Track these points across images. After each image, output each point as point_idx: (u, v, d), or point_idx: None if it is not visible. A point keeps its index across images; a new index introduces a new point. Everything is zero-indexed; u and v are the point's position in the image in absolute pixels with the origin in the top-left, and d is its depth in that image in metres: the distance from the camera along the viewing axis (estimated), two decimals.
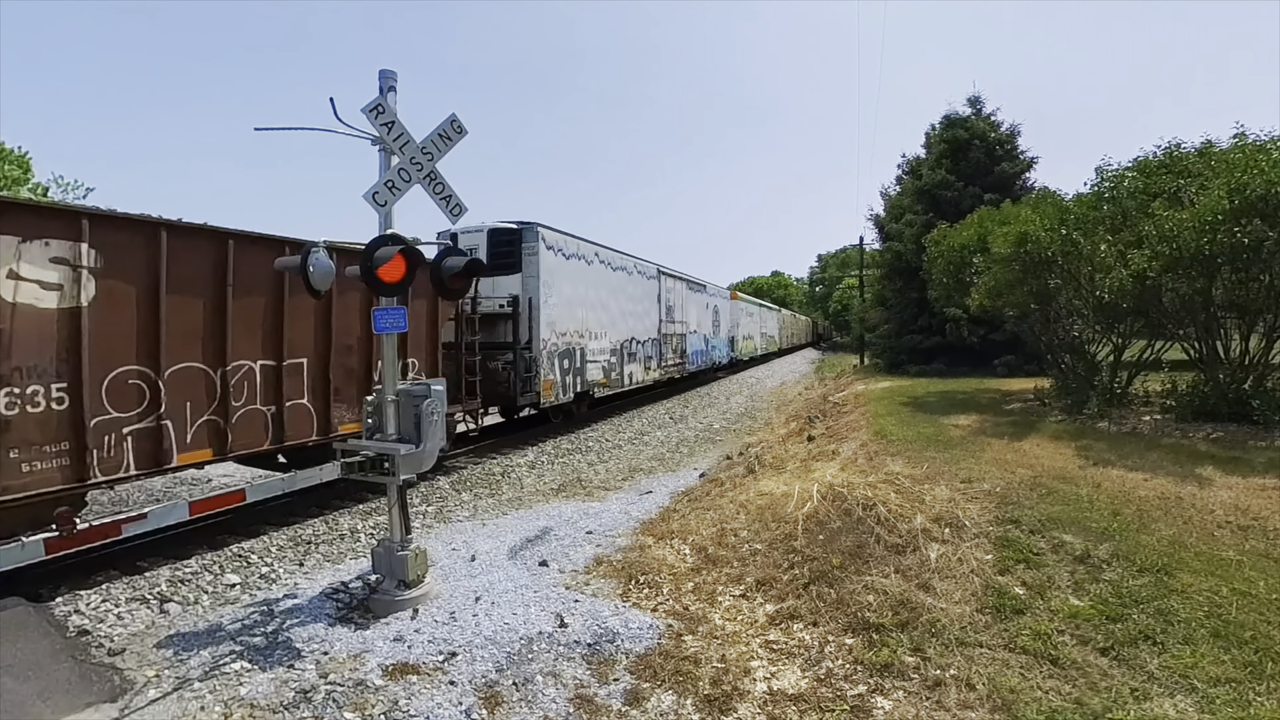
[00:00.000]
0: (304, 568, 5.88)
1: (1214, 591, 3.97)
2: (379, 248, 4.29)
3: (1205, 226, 7.47)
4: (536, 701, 3.56)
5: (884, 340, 22.74)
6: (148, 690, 3.79)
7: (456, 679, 3.73)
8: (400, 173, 4.61)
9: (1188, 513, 5.09)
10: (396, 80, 4.70)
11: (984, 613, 4.13)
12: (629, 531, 6.56)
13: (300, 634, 4.34)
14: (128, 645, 4.39)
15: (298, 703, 3.54)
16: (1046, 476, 6.18)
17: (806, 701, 3.55)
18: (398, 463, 4.45)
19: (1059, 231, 9.56)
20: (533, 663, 3.93)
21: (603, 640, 4.17)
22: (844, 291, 68.40)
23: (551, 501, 8.09)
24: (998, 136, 20.17)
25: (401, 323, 4.55)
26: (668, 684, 3.72)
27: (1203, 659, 3.43)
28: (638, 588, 5.09)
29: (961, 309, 14.05)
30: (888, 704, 3.46)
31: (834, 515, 5.40)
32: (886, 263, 22.17)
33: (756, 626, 4.41)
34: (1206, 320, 8.73)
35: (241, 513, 7.02)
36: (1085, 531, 4.87)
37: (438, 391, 4.66)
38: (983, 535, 5.01)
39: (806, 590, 4.67)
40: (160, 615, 4.89)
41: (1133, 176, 9.53)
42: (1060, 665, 3.56)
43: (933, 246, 14.08)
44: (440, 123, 4.77)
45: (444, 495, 8.51)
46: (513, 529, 6.74)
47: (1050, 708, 3.25)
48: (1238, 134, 8.76)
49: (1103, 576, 4.31)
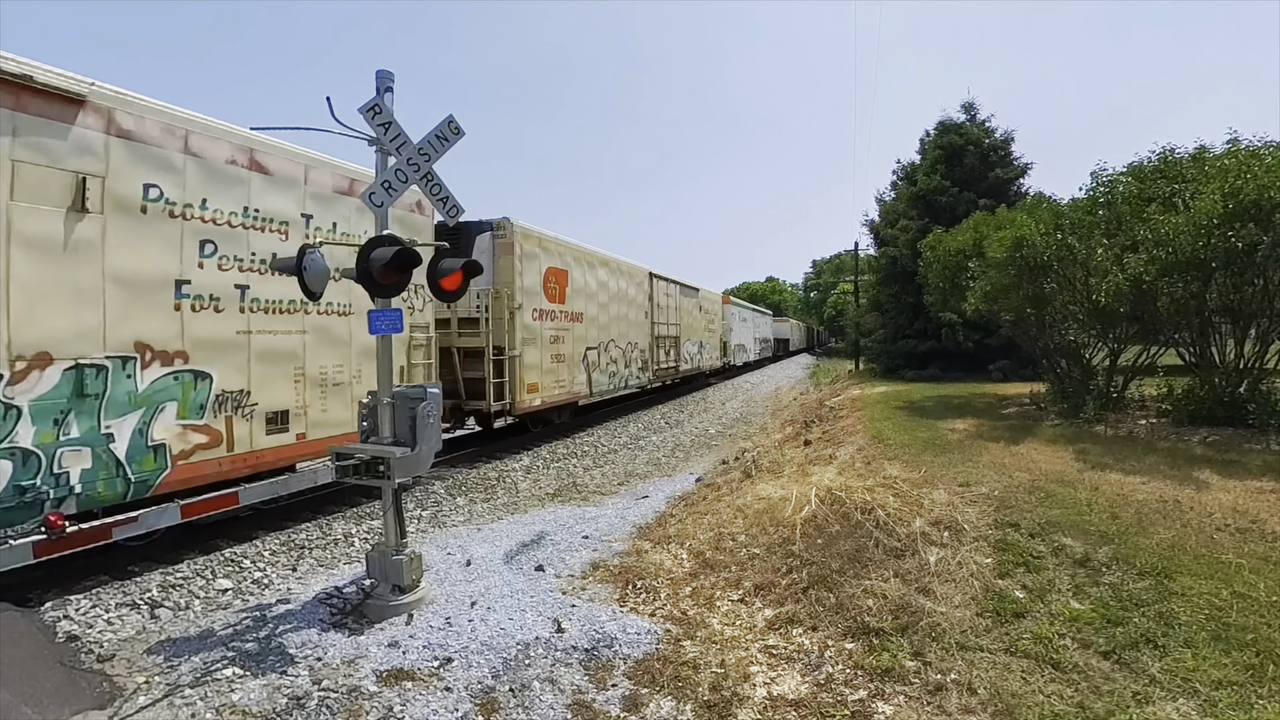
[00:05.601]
0: (297, 572, 5.81)
1: (1214, 594, 3.95)
2: (376, 248, 4.25)
3: (1200, 231, 7.50)
4: (534, 708, 3.51)
5: (879, 345, 22.75)
6: (137, 697, 3.72)
7: (452, 685, 3.68)
8: (397, 174, 4.57)
9: (1186, 516, 5.08)
10: (393, 81, 4.67)
11: (984, 616, 4.10)
12: (625, 536, 6.52)
13: (293, 639, 4.28)
14: (118, 651, 4.31)
15: (291, 709, 3.48)
16: (1044, 480, 6.17)
17: (807, 707, 3.51)
18: (393, 466, 4.40)
19: (1054, 236, 9.59)
20: (529, 668, 3.88)
21: (600, 645, 4.13)
22: (839, 297, 68.68)
23: (547, 506, 8.03)
24: (992, 142, 20.26)
25: (398, 325, 4.51)
26: (666, 690, 3.68)
27: (1204, 662, 3.41)
28: (635, 593, 5.05)
29: (957, 314, 14.07)
30: (889, 709, 3.43)
31: (832, 519, 5.37)
32: (882, 268, 22.21)
33: (755, 631, 4.37)
34: (1201, 324, 8.76)
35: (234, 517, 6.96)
36: (1085, 535, 4.86)
37: (433, 394, 4.62)
38: (982, 539, 4.99)
39: (805, 595, 4.63)
40: (151, 621, 4.82)
41: (1127, 181, 9.56)
42: (1062, 669, 3.54)
43: (928, 251, 14.11)
44: (437, 124, 4.75)
45: (439, 500, 8.44)
46: (508, 534, 6.68)
47: (1053, 712, 3.22)
48: (1231, 140, 8.83)
49: (1103, 579, 4.29)
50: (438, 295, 4.83)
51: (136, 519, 5.28)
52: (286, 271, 4.43)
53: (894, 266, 20.49)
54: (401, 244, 4.38)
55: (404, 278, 4.55)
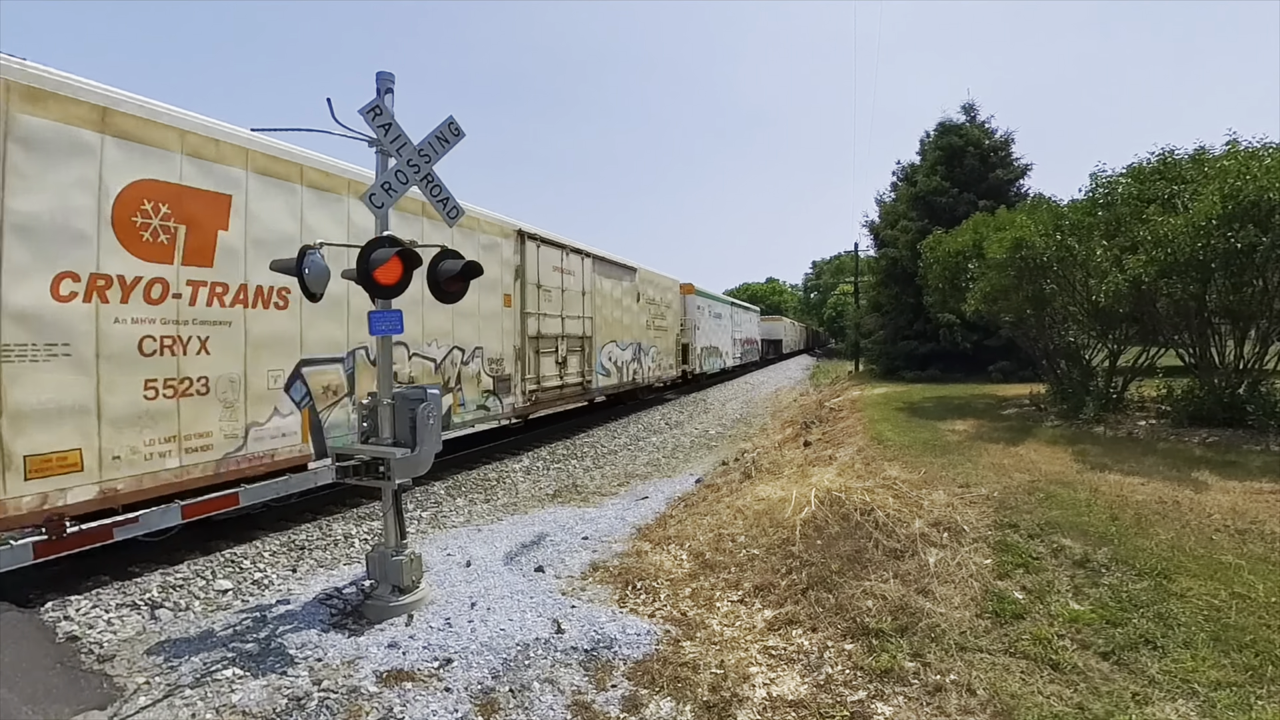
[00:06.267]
0: (297, 573, 5.82)
1: (1213, 595, 3.95)
2: (376, 249, 4.26)
3: (1199, 231, 7.52)
4: (533, 708, 3.52)
5: (879, 346, 22.77)
6: (138, 697, 3.72)
7: (452, 686, 3.68)
8: (397, 175, 4.58)
9: (1185, 517, 5.09)
10: (394, 82, 4.68)
11: (984, 617, 4.10)
12: (625, 537, 6.52)
13: (293, 640, 4.28)
14: (118, 651, 4.32)
15: (290, 710, 3.48)
16: (1044, 481, 6.18)
17: (806, 708, 3.51)
18: (393, 466, 4.41)
19: (1054, 237, 9.60)
20: (529, 669, 3.88)
21: (600, 646, 4.13)
22: (838, 298, 68.77)
23: (547, 507, 8.03)
24: (992, 143, 20.30)
25: (398, 325, 4.51)
26: (666, 690, 3.68)
27: (1203, 663, 3.41)
28: (634, 593, 5.05)
29: (956, 314, 14.08)
30: (888, 710, 3.43)
31: (832, 520, 5.37)
32: (882, 269, 22.24)
33: (755, 632, 4.37)
34: (1200, 325, 8.77)
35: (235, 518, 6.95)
36: (1084, 536, 4.86)
37: (433, 395, 4.63)
38: (981, 540, 4.99)
39: (805, 595, 4.63)
40: (151, 621, 4.82)
41: (1127, 183, 9.59)
42: (1061, 670, 3.54)
43: (928, 252, 14.13)
44: (438, 125, 4.75)
45: (438, 500, 8.44)
46: (508, 534, 6.69)
47: (1052, 713, 3.22)
48: (1230, 141, 8.85)
49: (1102, 581, 4.30)
50: (439, 297, 4.83)
51: (137, 519, 5.28)
52: (287, 272, 4.43)
53: (894, 267, 20.51)
54: (401, 245, 4.38)
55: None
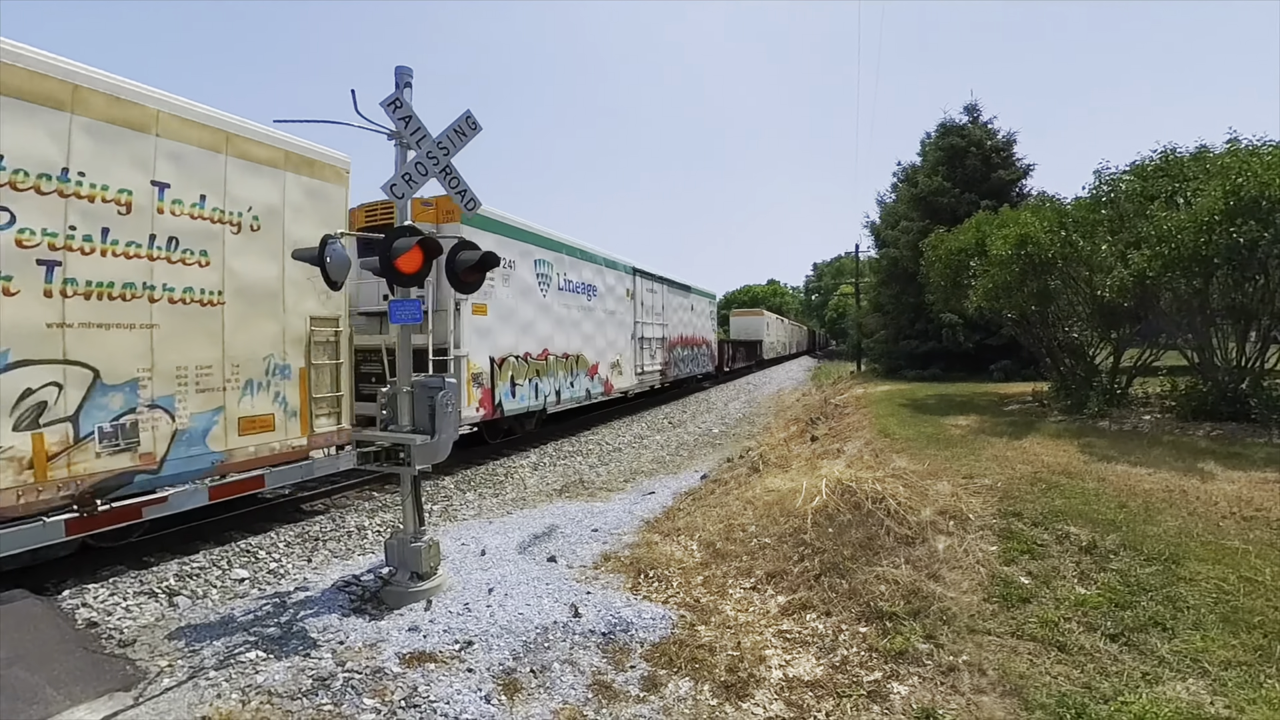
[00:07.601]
0: (312, 563, 5.88)
1: (1222, 579, 4.01)
2: (397, 238, 4.33)
3: (1202, 227, 7.59)
4: (555, 688, 3.58)
5: (880, 346, 22.82)
6: (161, 679, 3.78)
7: (474, 666, 3.74)
8: (417, 166, 4.65)
9: (1192, 505, 5.15)
10: (412, 76, 4.75)
11: (991, 601, 4.16)
12: (634, 529, 6.58)
13: (314, 624, 4.34)
14: (138, 637, 4.38)
15: (316, 689, 3.54)
16: (1047, 472, 6.24)
17: (823, 687, 3.58)
18: (413, 453, 4.47)
19: (1059, 233, 9.67)
20: (549, 651, 3.94)
21: (617, 630, 4.19)
22: (840, 299, 68.85)
23: (555, 501, 8.09)
24: (994, 144, 20.32)
25: (417, 314, 4.58)
26: (684, 671, 3.74)
27: (1213, 643, 3.47)
28: (647, 581, 5.11)
29: (959, 313, 14.13)
30: (904, 689, 3.50)
31: (844, 509, 5.44)
32: (883, 269, 22.28)
33: (769, 617, 4.44)
34: (1203, 323, 8.83)
35: (250, 510, 7.02)
36: (1091, 523, 4.92)
37: (451, 383, 4.69)
38: (986, 528, 5.06)
39: (818, 581, 4.70)
40: (169, 608, 4.88)
41: (1130, 180, 9.66)
42: (1068, 651, 3.59)
43: (930, 250, 14.18)
44: (455, 119, 4.83)
45: (449, 494, 8.51)
46: (519, 526, 6.75)
47: (1060, 691, 3.28)
48: (1231, 139, 8.94)
49: (1110, 566, 4.35)
50: (457, 287, 4.91)
51: (166, 499, 5.36)
52: (309, 261, 4.49)
53: (895, 268, 20.55)
54: (421, 235, 4.45)
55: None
